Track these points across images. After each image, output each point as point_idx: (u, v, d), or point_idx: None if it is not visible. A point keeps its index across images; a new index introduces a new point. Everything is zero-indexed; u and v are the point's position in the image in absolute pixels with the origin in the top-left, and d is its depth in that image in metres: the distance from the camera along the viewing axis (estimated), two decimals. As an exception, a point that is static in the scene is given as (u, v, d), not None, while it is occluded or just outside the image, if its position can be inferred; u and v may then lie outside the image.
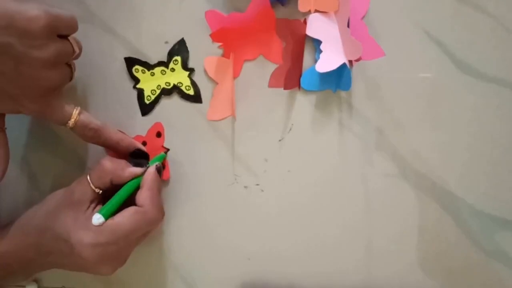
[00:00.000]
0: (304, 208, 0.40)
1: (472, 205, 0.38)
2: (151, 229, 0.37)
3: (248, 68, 0.40)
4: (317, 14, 0.38)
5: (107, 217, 0.35)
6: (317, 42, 0.38)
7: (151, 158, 0.40)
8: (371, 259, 0.39)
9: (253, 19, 0.38)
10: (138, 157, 0.40)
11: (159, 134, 0.41)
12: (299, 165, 0.40)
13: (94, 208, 0.36)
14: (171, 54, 0.40)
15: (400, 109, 0.39)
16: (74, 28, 0.34)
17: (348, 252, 0.40)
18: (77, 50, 0.35)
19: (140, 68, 0.41)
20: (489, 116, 0.38)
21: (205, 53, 0.40)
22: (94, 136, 0.37)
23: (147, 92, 0.41)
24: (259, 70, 0.39)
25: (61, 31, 0.33)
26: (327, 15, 0.38)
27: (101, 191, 0.37)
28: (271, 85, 0.39)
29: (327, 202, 0.40)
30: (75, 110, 0.36)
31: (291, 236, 0.40)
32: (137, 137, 0.41)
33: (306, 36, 0.37)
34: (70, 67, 0.36)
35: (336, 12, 0.38)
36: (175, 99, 0.41)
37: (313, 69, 0.37)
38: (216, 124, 0.40)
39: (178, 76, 0.40)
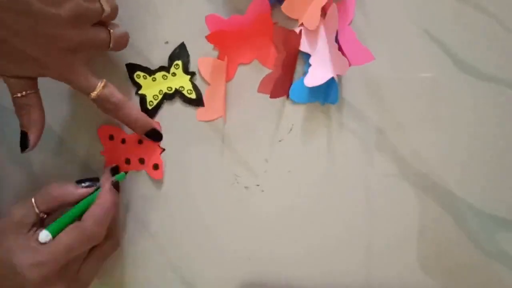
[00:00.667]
0: (304, 208, 0.40)
1: (472, 205, 0.38)
2: (89, 246, 0.36)
3: (244, 71, 0.40)
4: (299, 28, 0.38)
5: (55, 234, 0.34)
6: (306, 55, 0.38)
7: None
8: (371, 259, 0.39)
9: (251, 22, 0.38)
10: (153, 137, 0.40)
11: None
12: (300, 165, 0.40)
13: (36, 231, 0.35)
14: (172, 58, 0.40)
15: (401, 109, 0.38)
16: None
17: (348, 253, 0.40)
18: (107, 9, 0.34)
19: (141, 74, 0.41)
20: (489, 116, 0.38)
21: (205, 54, 0.40)
22: (113, 110, 0.36)
23: (149, 98, 0.41)
24: (255, 74, 0.39)
25: None
26: (316, 28, 0.38)
27: (46, 216, 0.36)
28: (260, 90, 0.39)
29: (327, 202, 0.40)
30: (100, 82, 0.35)
31: (291, 237, 0.40)
32: (132, 135, 0.41)
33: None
34: (106, 30, 0.35)
35: (324, 26, 0.38)
36: (177, 103, 0.41)
37: (302, 81, 0.37)
38: (217, 125, 0.40)
39: (179, 81, 0.40)
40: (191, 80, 0.40)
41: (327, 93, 0.38)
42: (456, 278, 0.39)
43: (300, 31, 0.38)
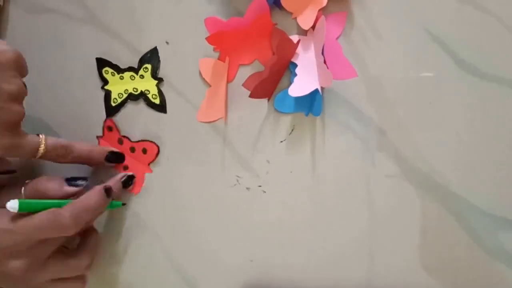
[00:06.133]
0: (306, 209, 0.40)
1: (475, 205, 0.38)
2: (59, 235, 0.35)
3: (245, 71, 0.40)
4: (295, 36, 0.39)
5: (23, 209, 0.34)
6: (293, 65, 0.39)
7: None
8: (374, 259, 0.39)
9: (251, 23, 0.38)
10: (115, 160, 0.40)
11: (144, 150, 0.42)
12: (301, 166, 0.40)
13: None
14: (142, 61, 0.41)
15: (402, 109, 0.38)
16: (27, 71, 0.35)
17: (350, 253, 0.40)
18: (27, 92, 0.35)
19: (110, 70, 0.41)
20: (491, 115, 0.38)
21: (206, 55, 0.40)
22: (66, 153, 0.37)
23: (114, 95, 0.42)
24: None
25: (21, 69, 0.34)
26: (304, 39, 0.39)
27: None
28: (244, 85, 0.40)
29: (329, 202, 0.40)
30: (40, 137, 0.36)
31: (293, 237, 0.40)
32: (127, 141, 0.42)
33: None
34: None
35: (313, 38, 0.38)
36: (142, 105, 0.41)
37: (287, 91, 0.37)
38: (217, 126, 0.40)
39: (146, 84, 0.41)
40: (157, 85, 0.41)
41: (311, 104, 0.38)
42: (458, 278, 0.39)
43: (298, 40, 0.38)
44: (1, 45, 0.33)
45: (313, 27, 0.38)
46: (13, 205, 0.34)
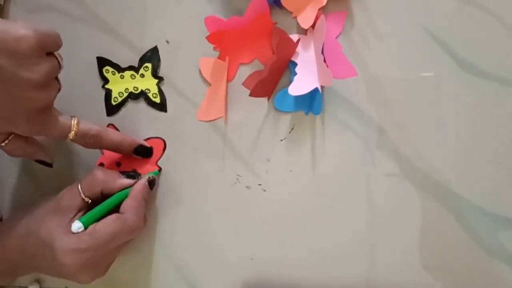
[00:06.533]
0: (306, 208, 0.40)
1: (474, 204, 0.38)
2: (130, 237, 0.37)
3: (245, 71, 0.40)
4: (295, 36, 0.39)
5: (88, 225, 0.35)
6: (293, 64, 0.39)
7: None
8: (374, 258, 0.39)
9: (251, 23, 0.38)
10: (143, 154, 0.40)
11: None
12: (301, 165, 0.40)
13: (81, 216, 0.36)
14: (142, 60, 0.41)
15: (402, 108, 0.38)
16: (59, 44, 0.33)
17: (350, 252, 0.39)
18: (62, 65, 0.34)
19: (110, 69, 0.42)
20: (492, 115, 0.38)
21: (206, 55, 0.40)
22: (95, 142, 0.37)
23: (114, 94, 0.42)
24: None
25: (49, 49, 0.32)
26: (304, 38, 0.39)
27: (90, 201, 0.37)
28: (244, 84, 0.40)
29: (329, 202, 0.40)
30: (72, 121, 0.36)
31: (293, 236, 0.40)
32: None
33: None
34: (57, 80, 0.35)
35: (313, 37, 0.38)
36: (142, 103, 0.42)
37: (287, 90, 0.37)
38: (217, 125, 0.40)
39: (146, 83, 0.41)
40: (158, 84, 0.41)
41: (311, 103, 0.38)
42: (458, 278, 0.38)
43: (298, 39, 0.38)
44: (20, 30, 0.30)
45: (313, 26, 0.38)
46: (77, 228, 0.34)
